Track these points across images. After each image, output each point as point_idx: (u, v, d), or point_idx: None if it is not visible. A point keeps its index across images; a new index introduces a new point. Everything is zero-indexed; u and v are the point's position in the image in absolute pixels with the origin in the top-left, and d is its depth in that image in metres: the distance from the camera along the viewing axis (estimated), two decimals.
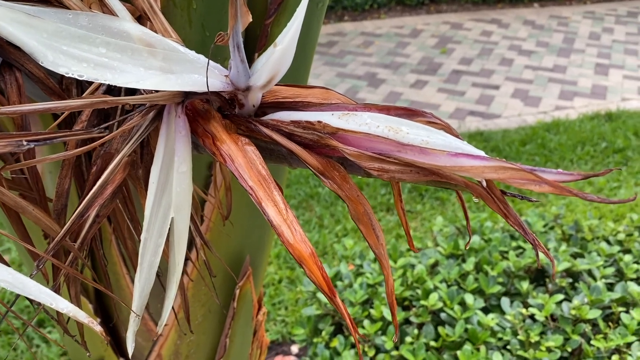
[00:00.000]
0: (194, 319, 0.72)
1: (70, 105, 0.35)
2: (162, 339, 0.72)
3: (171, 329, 0.72)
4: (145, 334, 0.72)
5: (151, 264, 0.42)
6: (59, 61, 0.34)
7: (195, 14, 0.53)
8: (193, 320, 0.72)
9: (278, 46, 0.37)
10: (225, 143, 0.39)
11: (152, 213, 0.41)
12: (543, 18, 5.81)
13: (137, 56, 0.37)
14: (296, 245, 0.35)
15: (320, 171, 0.38)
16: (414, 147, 0.33)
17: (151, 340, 0.72)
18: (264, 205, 0.36)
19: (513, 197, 0.38)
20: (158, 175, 0.40)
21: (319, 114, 0.37)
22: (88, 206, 0.38)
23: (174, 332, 0.72)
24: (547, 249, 1.88)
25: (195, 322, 0.72)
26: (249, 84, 0.39)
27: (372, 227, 0.38)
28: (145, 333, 0.72)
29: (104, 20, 0.36)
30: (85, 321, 0.34)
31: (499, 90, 4.40)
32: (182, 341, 0.72)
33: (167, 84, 0.37)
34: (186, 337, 0.73)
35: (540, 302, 1.61)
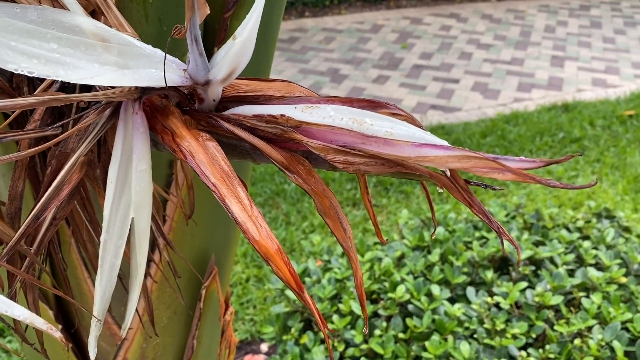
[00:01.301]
0: (159, 321, 0.70)
1: (22, 103, 0.34)
2: (127, 343, 0.70)
3: (136, 332, 0.70)
4: (109, 338, 0.70)
5: (112, 266, 0.41)
6: (7, 57, 0.33)
7: (152, 8, 0.51)
8: (158, 323, 0.70)
9: (237, 38, 0.36)
10: (186, 139, 0.38)
11: (112, 213, 0.39)
12: (500, 12, 5.93)
13: (91, 51, 0.36)
14: (262, 241, 0.35)
15: (284, 166, 0.38)
16: (378, 138, 0.32)
17: (115, 344, 0.70)
18: (228, 202, 0.36)
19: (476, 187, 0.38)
20: (116, 174, 0.39)
21: (282, 108, 0.37)
22: (44, 208, 0.37)
23: (140, 336, 0.70)
24: None
25: (160, 324, 0.70)
26: (208, 78, 0.38)
27: (339, 221, 0.38)
28: (109, 337, 0.70)
29: (54, 14, 0.35)
30: (43, 328, 0.32)
31: (459, 84, 4.47)
32: (148, 344, 0.71)
33: (123, 80, 0.35)
34: (152, 340, 0.71)
35: (504, 291, 1.64)
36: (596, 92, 4.35)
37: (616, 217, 2.08)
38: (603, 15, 5.92)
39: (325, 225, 3.12)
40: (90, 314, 0.41)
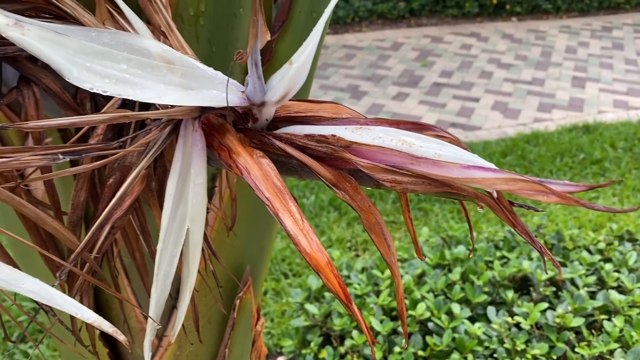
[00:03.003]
0: (194, 330, 0.72)
1: (94, 119, 0.36)
2: (162, 350, 0.72)
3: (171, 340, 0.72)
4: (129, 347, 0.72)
5: (167, 274, 0.43)
6: (84, 77, 0.35)
7: (203, 30, 0.54)
8: (193, 331, 0.72)
9: (294, 64, 0.38)
10: (242, 156, 0.40)
11: (169, 224, 0.42)
12: (521, 32, 5.93)
13: (157, 72, 0.39)
14: (313, 254, 0.37)
15: (332, 183, 0.40)
16: (427, 159, 0.34)
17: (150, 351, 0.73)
18: (281, 215, 0.38)
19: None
20: (175, 187, 0.41)
21: (333, 128, 0.39)
22: (107, 218, 0.39)
23: (174, 343, 0.72)
24: (530, 258, 1.92)
25: (195, 333, 0.72)
26: (264, 100, 0.40)
27: (384, 237, 0.40)
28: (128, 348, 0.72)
29: (125, 37, 0.37)
30: (110, 331, 0.35)
31: (479, 103, 4.47)
32: (182, 352, 0.73)
33: (187, 100, 0.38)
34: (186, 348, 0.73)
35: (525, 311, 1.64)
36: (617, 114, 4.33)
37: (638, 240, 2.06)
38: (625, 37, 5.90)
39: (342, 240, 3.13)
40: (124, 319, 0.44)
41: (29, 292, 0.33)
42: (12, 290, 0.33)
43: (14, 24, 0.32)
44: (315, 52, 0.64)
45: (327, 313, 1.76)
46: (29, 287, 0.33)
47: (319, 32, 0.38)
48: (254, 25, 0.35)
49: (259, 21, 0.35)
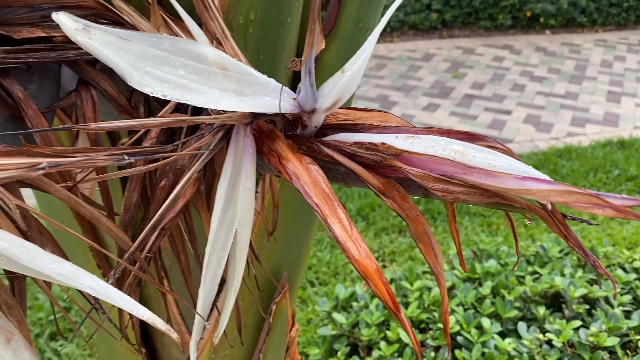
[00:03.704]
0: (229, 333, 0.73)
1: (153, 122, 0.37)
2: (198, 352, 0.73)
3: (206, 342, 0.73)
4: (180, 346, 0.73)
5: (214, 275, 0.44)
6: (144, 81, 0.37)
7: (252, 38, 0.55)
8: (229, 334, 0.73)
9: (347, 72, 0.39)
10: (291, 162, 0.41)
11: (218, 227, 0.42)
12: (555, 45, 5.86)
13: (212, 78, 0.40)
14: (362, 261, 0.37)
15: (380, 191, 0.40)
16: (481, 169, 0.34)
17: (186, 353, 0.74)
18: (330, 221, 0.38)
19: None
20: (225, 191, 0.42)
21: (383, 136, 0.39)
22: (161, 219, 0.40)
23: (209, 345, 0.73)
24: (563, 274, 1.88)
25: (230, 336, 0.73)
26: (315, 107, 0.41)
27: (431, 246, 0.40)
28: (181, 345, 0.73)
29: (184, 44, 0.39)
30: (163, 328, 0.35)
31: (511, 116, 4.42)
32: (217, 354, 0.74)
33: (241, 106, 0.39)
34: (221, 351, 0.74)
35: (557, 328, 1.61)
36: None
37: None
38: None
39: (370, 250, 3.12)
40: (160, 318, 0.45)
41: (87, 287, 0.34)
42: (71, 285, 0.34)
43: (82, 29, 0.34)
44: None
45: (355, 323, 1.75)
46: (87, 283, 0.34)
47: (373, 41, 0.38)
48: (311, 34, 0.36)
49: (315, 30, 0.35)
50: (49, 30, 0.41)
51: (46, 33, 0.41)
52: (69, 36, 0.34)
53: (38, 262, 0.33)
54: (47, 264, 0.33)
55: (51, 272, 0.33)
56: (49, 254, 0.33)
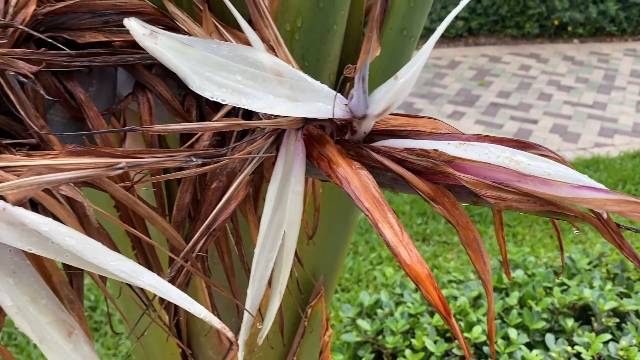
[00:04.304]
0: None
1: (212, 126, 0.38)
2: (233, 353, 0.74)
3: None
4: (217, 347, 0.74)
5: (262, 276, 0.44)
6: (204, 86, 0.38)
7: (297, 45, 0.56)
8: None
9: (400, 79, 0.39)
10: (341, 166, 0.41)
11: (268, 229, 0.43)
12: (583, 54, 5.78)
13: (267, 84, 0.41)
14: (413, 266, 0.37)
15: (430, 197, 0.41)
16: (535, 177, 0.35)
17: (222, 353, 0.75)
18: (381, 226, 0.39)
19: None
20: (275, 194, 0.43)
21: (435, 143, 0.40)
22: (214, 220, 0.41)
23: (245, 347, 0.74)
24: (592, 287, 1.85)
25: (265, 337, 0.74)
26: (366, 113, 0.42)
27: (481, 254, 0.40)
28: (217, 346, 0.74)
29: (242, 50, 0.40)
30: (219, 327, 0.36)
31: (537, 125, 4.38)
32: (252, 356, 0.74)
33: (295, 111, 0.40)
34: (255, 353, 0.74)
35: (586, 341, 1.58)
36: None
37: None
38: None
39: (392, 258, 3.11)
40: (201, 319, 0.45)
41: (148, 285, 0.35)
42: (132, 282, 0.35)
43: (150, 34, 0.35)
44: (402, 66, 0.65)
45: (379, 330, 1.75)
46: (148, 280, 0.35)
47: (428, 49, 0.39)
48: (368, 42, 0.36)
49: (373, 37, 0.36)
50: (109, 35, 0.42)
51: (107, 38, 0.42)
52: (137, 41, 0.35)
53: (102, 259, 0.34)
54: (111, 261, 0.34)
55: (114, 269, 0.34)
56: (113, 252, 0.34)
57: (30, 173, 0.30)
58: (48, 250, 0.34)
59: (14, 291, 0.34)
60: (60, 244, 0.33)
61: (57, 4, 0.40)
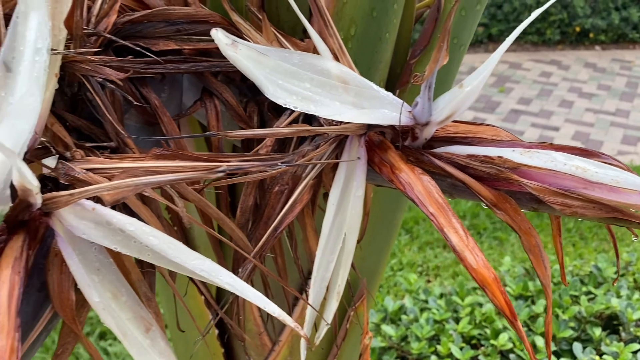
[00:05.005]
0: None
1: (284, 132, 0.40)
2: (274, 354, 0.75)
3: (284, 345, 0.75)
4: (258, 348, 0.76)
5: (323, 278, 0.46)
6: (277, 93, 0.39)
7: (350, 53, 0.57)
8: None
9: (466, 88, 0.40)
10: (404, 172, 0.43)
11: (329, 232, 0.45)
12: (605, 61, 5.73)
13: (334, 91, 0.42)
14: (479, 270, 0.38)
15: (493, 203, 0.42)
16: (603, 185, 0.36)
17: (263, 355, 0.76)
18: (446, 231, 0.40)
19: None
20: (338, 198, 0.44)
21: (499, 150, 0.41)
22: (281, 222, 0.43)
23: (286, 349, 0.75)
24: (619, 296, 1.84)
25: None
26: (429, 120, 0.43)
27: (542, 259, 0.41)
28: (258, 347, 0.75)
29: (311, 59, 0.41)
30: (292, 325, 0.38)
31: (558, 132, 4.35)
32: (292, 358, 0.76)
33: (362, 117, 0.41)
34: (296, 355, 0.76)
35: (614, 350, 1.57)
36: None
37: None
38: None
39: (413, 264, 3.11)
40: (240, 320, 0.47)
41: (226, 284, 0.36)
42: (211, 280, 0.36)
43: (231, 44, 0.36)
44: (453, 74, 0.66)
45: (404, 336, 1.75)
46: (226, 279, 0.36)
47: (495, 60, 0.40)
48: (439, 51, 0.38)
49: (443, 47, 0.37)
50: (180, 43, 0.44)
51: (179, 46, 0.44)
52: (221, 50, 0.36)
53: (184, 258, 0.35)
54: (191, 260, 0.36)
55: (195, 268, 0.36)
56: (193, 252, 0.36)
57: (126, 175, 0.31)
58: (131, 248, 0.35)
59: (98, 288, 0.36)
60: (145, 243, 0.35)
61: (135, 13, 0.42)
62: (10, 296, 0.31)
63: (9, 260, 0.32)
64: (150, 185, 0.31)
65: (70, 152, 0.36)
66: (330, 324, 0.44)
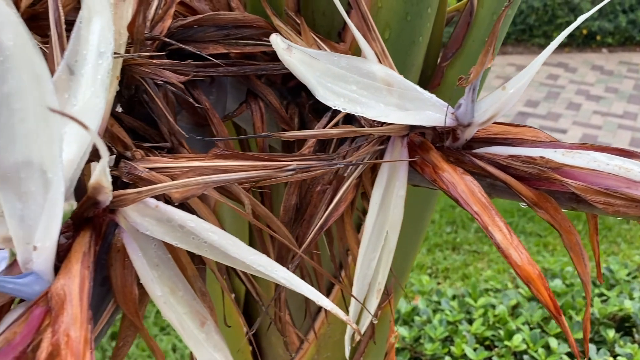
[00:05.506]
0: (333, 336, 0.76)
1: (332, 132, 0.41)
2: (302, 352, 0.76)
3: (311, 344, 0.76)
4: (286, 346, 0.77)
5: (365, 275, 0.47)
6: (327, 96, 0.40)
7: None
8: (332, 337, 0.76)
9: (509, 90, 0.42)
10: (447, 172, 0.44)
11: (372, 230, 0.46)
12: (612, 64, 5.73)
13: (378, 93, 0.43)
14: (524, 266, 0.39)
15: (534, 202, 0.43)
16: None
17: (291, 353, 0.77)
18: (491, 229, 0.41)
19: None
20: (381, 197, 0.45)
21: (540, 151, 0.42)
22: (327, 220, 0.44)
23: (313, 347, 0.76)
24: (632, 298, 1.84)
25: (334, 338, 0.76)
26: (471, 121, 0.44)
27: (582, 256, 0.42)
28: (287, 345, 0.77)
29: (357, 62, 0.42)
30: (344, 319, 0.39)
31: (566, 135, 4.35)
32: (320, 356, 0.77)
33: (408, 119, 0.42)
34: (323, 353, 0.77)
35: (629, 352, 1.58)
36: None
37: None
38: None
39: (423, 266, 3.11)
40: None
41: (282, 278, 0.37)
42: (267, 275, 0.37)
43: (287, 48, 0.38)
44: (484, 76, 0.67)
45: (417, 337, 1.76)
46: (281, 274, 0.38)
47: (539, 63, 0.41)
48: (485, 54, 0.39)
49: (491, 50, 0.38)
50: (228, 47, 0.46)
51: (227, 50, 0.45)
52: (278, 54, 0.38)
53: (242, 253, 0.37)
54: (249, 256, 0.37)
55: (252, 263, 0.37)
56: (250, 248, 0.37)
57: (194, 173, 0.33)
58: (190, 244, 0.37)
59: (158, 283, 0.37)
60: (205, 239, 0.36)
61: (187, 18, 0.43)
62: (81, 289, 0.33)
63: (78, 256, 0.34)
64: (219, 183, 0.32)
65: (130, 152, 0.38)
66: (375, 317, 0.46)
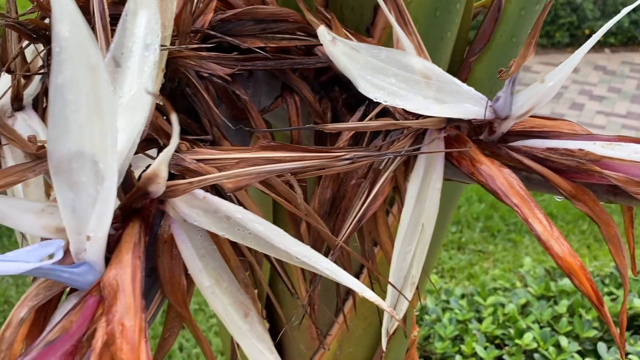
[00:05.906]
0: (355, 332, 0.76)
1: (373, 125, 0.41)
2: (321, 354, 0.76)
3: (333, 339, 0.76)
4: (308, 342, 0.77)
5: (400, 269, 0.47)
6: (367, 88, 0.41)
7: None
8: (354, 333, 0.76)
9: (548, 83, 0.42)
10: (485, 164, 0.44)
11: (408, 223, 0.46)
12: (615, 64, 5.73)
13: (416, 86, 0.43)
14: (565, 258, 0.40)
15: (572, 194, 0.43)
16: None
17: (313, 348, 0.77)
18: (531, 221, 0.41)
19: None
20: (417, 190, 0.46)
21: (579, 143, 0.42)
22: (364, 214, 0.44)
23: (335, 343, 0.76)
24: None
25: (356, 334, 0.76)
26: (509, 114, 0.44)
27: (621, 249, 0.42)
28: (309, 341, 0.77)
29: (397, 55, 0.43)
30: (388, 310, 0.39)
31: None
32: (342, 352, 0.77)
33: (446, 112, 0.42)
34: (345, 348, 0.77)
35: (639, 350, 1.58)
36: None
37: None
38: None
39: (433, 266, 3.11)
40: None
41: (325, 269, 0.38)
42: (311, 266, 0.38)
43: (331, 40, 0.38)
44: None
45: (427, 336, 1.76)
46: (325, 265, 0.38)
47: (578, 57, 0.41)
48: (527, 48, 0.39)
49: (533, 43, 0.39)
50: (265, 41, 0.46)
51: (264, 44, 0.45)
52: (324, 45, 0.38)
53: (288, 244, 0.37)
54: (294, 247, 0.37)
55: (297, 254, 0.37)
56: (294, 239, 0.37)
57: (245, 164, 0.33)
58: (235, 235, 0.37)
59: (205, 274, 0.38)
60: (251, 230, 0.36)
61: (227, 12, 0.43)
62: (133, 279, 0.33)
63: (129, 246, 0.34)
64: (273, 174, 0.32)
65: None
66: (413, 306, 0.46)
